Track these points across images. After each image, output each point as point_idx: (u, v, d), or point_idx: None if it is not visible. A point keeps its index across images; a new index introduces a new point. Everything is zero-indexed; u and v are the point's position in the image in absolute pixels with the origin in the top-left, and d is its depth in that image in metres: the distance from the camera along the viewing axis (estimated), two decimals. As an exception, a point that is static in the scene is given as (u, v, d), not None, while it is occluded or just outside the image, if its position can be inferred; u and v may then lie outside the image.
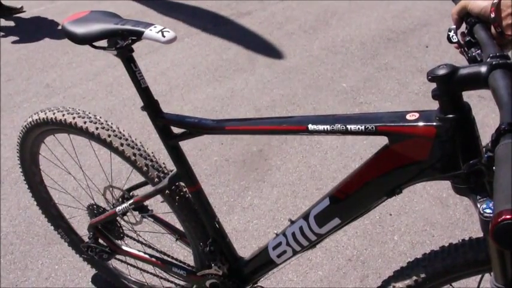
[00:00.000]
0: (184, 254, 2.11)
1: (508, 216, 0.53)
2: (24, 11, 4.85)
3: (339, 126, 0.99)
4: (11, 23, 4.67)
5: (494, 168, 0.65)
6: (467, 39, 0.99)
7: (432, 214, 2.26)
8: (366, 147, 2.65)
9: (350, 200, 1.10)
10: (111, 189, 1.65)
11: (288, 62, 3.59)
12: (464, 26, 1.02)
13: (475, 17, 0.98)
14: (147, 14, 4.55)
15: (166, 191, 1.42)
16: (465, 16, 1.01)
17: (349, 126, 0.98)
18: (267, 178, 2.58)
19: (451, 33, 1.02)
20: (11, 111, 3.34)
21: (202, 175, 2.63)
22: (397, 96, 3.06)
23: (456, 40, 1.01)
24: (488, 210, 0.83)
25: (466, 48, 0.99)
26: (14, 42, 4.34)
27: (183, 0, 4.73)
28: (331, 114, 1.05)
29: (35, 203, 1.96)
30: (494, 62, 0.82)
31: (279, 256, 1.32)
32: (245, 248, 2.20)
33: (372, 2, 4.31)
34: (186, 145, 2.77)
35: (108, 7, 4.69)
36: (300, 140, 2.79)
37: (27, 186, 1.89)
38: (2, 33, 4.48)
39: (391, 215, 2.28)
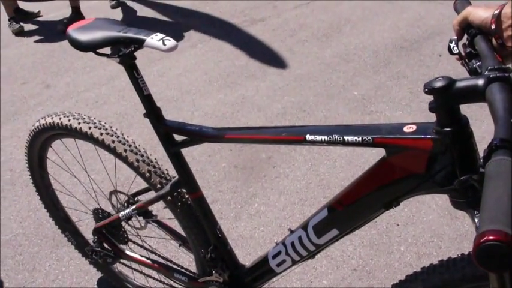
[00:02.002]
0: (189, 260, 2.11)
1: (491, 237, 0.52)
2: (41, 16, 4.92)
3: (336, 137, 0.99)
4: (29, 28, 4.73)
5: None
6: (468, 50, 0.98)
7: (440, 225, 2.24)
8: (375, 157, 2.63)
9: (348, 211, 1.09)
10: (116, 194, 1.66)
11: (300, 69, 3.59)
12: (466, 37, 1.01)
13: (476, 28, 0.97)
14: (161, 20, 4.58)
15: (168, 198, 1.43)
16: (467, 27, 1.00)
17: (346, 138, 0.98)
18: (275, 185, 2.58)
19: (452, 44, 1.01)
20: (25, 114, 3.38)
21: (210, 181, 2.63)
22: (408, 105, 3.05)
23: (457, 51, 1.00)
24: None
25: (467, 60, 0.98)
26: (30, 46, 4.40)
27: (197, 7, 4.75)
28: (329, 124, 1.04)
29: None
30: (491, 75, 0.81)
31: (278, 265, 1.32)
32: (250, 255, 2.20)
33: (385, 10, 4.30)
34: (195, 151, 2.80)
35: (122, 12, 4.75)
36: (309, 148, 2.79)
37: (35, 189, 1.92)
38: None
39: (398, 225, 2.26)
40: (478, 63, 0.93)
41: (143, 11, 4.83)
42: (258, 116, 3.13)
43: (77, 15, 4.57)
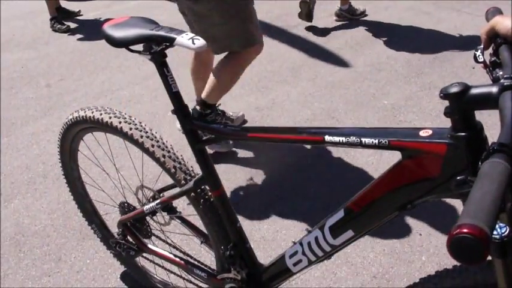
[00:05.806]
0: (211, 257, 2.15)
1: (464, 230, 0.55)
2: (81, 15, 5.06)
3: (354, 139, 1.01)
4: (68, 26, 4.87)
5: None
6: (493, 59, 0.99)
7: (464, 237, 2.22)
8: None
9: (363, 213, 1.11)
10: (142, 189, 1.70)
11: (332, 76, 3.61)
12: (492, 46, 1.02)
13: (502, 37, 0.98)
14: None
15: (192, 194, 1.47)
16: (493, 36, 1.00)
17: (363, 140, 1.00)
18: (300, 190, 2.59)
19: (478, 53, 1.02)
20: (60, 110, 3.48)
21: (238, 181, 2.67)
22: (438, 116, 3.03)
23: (482, 60, 1.02)
24: (494, 232, 0.83)
25: (491, 68, 0.99)
26: (69, 44, 4.53)
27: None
28: (347, 127, 1.06)
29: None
30: (506, 83, 0.82)
31: (295, 265, 1.35)
32: (271, 258, 2.20)
33: (422, 20, 4.28)
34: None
35: (161, 13, 4.84)
36: (337, 153, 2.80)
37: (65, 181, 1.99)
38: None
39: (421, 235, 2.25)
40: (501, 72, 0.94)
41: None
42: (286, 120, 3.15)
43: None
